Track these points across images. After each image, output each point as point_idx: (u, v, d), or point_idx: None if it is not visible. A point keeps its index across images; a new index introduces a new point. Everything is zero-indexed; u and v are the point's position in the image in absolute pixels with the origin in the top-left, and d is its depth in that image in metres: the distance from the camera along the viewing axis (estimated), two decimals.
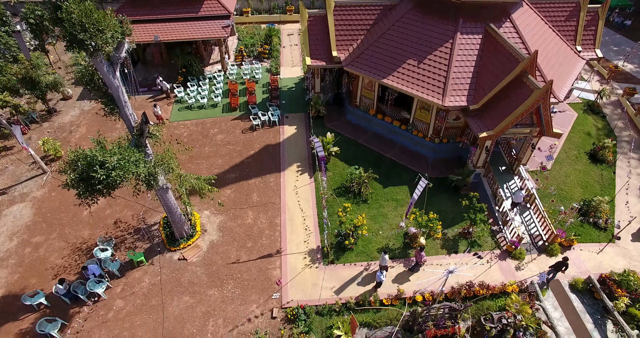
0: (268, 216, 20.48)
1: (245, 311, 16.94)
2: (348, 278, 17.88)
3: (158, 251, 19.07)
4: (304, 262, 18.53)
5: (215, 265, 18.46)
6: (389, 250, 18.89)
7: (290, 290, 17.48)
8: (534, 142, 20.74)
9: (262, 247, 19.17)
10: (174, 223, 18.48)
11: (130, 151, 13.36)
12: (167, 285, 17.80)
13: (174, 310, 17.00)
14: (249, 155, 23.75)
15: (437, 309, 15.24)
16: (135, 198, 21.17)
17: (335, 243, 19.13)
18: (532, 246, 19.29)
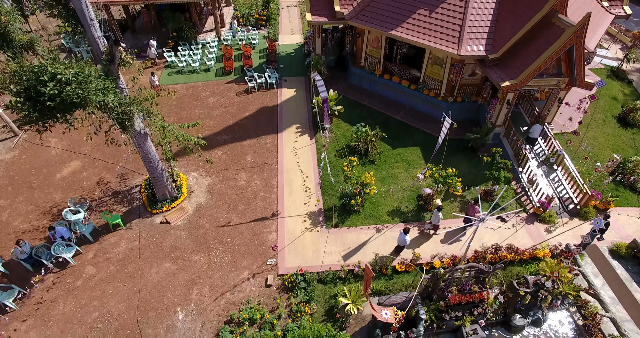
0: (263, 178, 17.88)
1: (235, 278, 14.31)
2: (355, 242, 15.26)
3: (138, 214, 16.44)
4: (304, 225, 15.91)
5: (202, 229, 15.84)
6: (402, 214, 16.31)
7: (288, 255, 14.86)
8: (560, 96, 18.21)
9: (256, 210, 16.56)
10: (155, 181, 15.88)
11: (92, 68, 10.79)
12: (146, 250, 15.17)
13: (153, 277, 14.37)
14: (243, 117, 21.17)
15: (462, 271, 12.62)
16: (115, 159, 18.65)
17: (339, 206, 16.53)
18: (561, 210, 16.70)
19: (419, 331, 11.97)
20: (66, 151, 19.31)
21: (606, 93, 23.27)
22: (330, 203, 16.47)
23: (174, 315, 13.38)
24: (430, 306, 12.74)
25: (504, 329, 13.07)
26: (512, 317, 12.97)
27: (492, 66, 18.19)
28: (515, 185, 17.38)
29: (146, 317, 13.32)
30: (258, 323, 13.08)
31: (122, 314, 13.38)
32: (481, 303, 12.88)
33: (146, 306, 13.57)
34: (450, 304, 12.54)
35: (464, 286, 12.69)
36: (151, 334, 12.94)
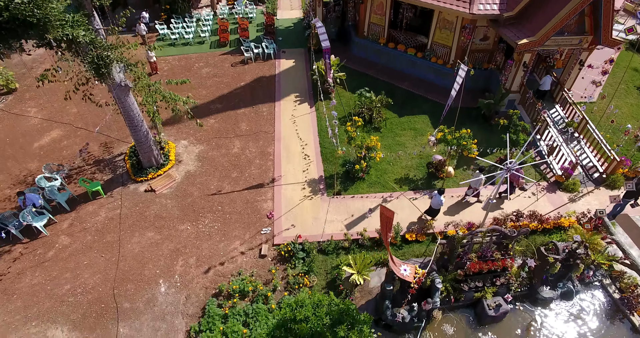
0: (259, 145, 16.24)
1: (225, 249, 12.64)
2: (359, 211, 13.59)
3: (120, 182, 14.78)
4: (303, 193, 14.25)
5: (191, 197, 14.18)
6: (411, 182, 14.66)
7: (285, 224, 13.19)
8: (582, 58, 16.60)
9: (251, 177, 14.90)
10: (139, 145, 14.23)
11: None
12: (128, 219, 13.51)
13: (134, 247, 12.70)
14: (238, 86, 19.55)
15: (483, 235, 10.95)
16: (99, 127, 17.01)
17: (342, 173, 14.88)
18: (585, 179, 15.03)
19: (434, 302, 10.28)
20: (46, 121, 17.68)
21: (625, 65, 21.62)
22: (332, 171, 14.83)
23: (155, 287, 11.71)
24: (447, 276, 11.06)
25: (530, 303, 11.40)
26: (538, 289, 11.29)
27: (507, 25, 16.58)
28: (534, 154, 15.72)
29: (124, 289, 11.65)
30: (250, 296, 11.41)
31: (97, 287, 11.71)
32: (504, 272, 11.20)
33: (125, 278, 11.90)
34: (470, 273, 10.84)
35: (485, 253, 11.01)
36: (129, 308, 11.26)
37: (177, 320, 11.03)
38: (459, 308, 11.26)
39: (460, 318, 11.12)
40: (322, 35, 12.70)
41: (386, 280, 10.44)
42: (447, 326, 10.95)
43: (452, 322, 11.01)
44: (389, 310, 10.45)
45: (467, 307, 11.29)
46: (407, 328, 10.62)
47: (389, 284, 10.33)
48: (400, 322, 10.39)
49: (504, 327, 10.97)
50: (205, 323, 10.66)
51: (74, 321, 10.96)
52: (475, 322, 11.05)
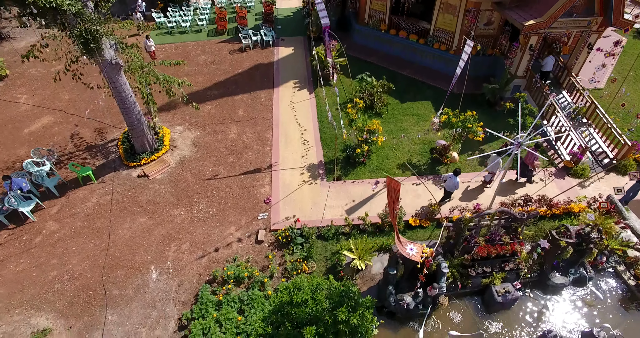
0: (256, 131, 15.63)
1: (220, 234, 12.03)
2: (361, 196, 12.99)
3: (113, 168, 14.17)
4: (302, 178, 13.64)
5: (185, 182, 13.58)
6: (414, 167, 14.06)
7: (283, 209, 12.58)
8: (591, 41, 16.01)
9: (248, 162, 14.30)
10: (132, 128, 13.62)
11: None
12: (119, 205, 12.90)
13: (125, 233, 12.09)
14: (236, 73, 18.95)
15: (491, 218, 10.33)
16: (92, 114, 16.40)
17: (342, 158, 14.28)
18: (595, 165, 14.43)
19: (440, 287, 9.66)
20: (37, 107, 17.07)
21: (634, 52, 21.03)
22: (332, 156, 14.23)
23: (146, 274, 11.09)
24: (453, 261, 10.44)
25: (540, 290, 10.77)
26: (549, 275, 10.67)
27: (512, 7, 15.99)
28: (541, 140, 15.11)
29: (113, 276, 11.03)
30: (246, 282, 10.78)
31: (85, 273, 11.09)
32: (513, 257, 10.58)
33: (114, 264, 11.28)
34: (477, 257, 10.23)
35: (493, 237, 10.40)
36: (118, 295, 10.65)
37: (168, 307, 10.41)
38: (466, 295, 10.63)
39: (468, 305, 10.50)
40: (322, 12, 12.12)
41: (389, 264, 9.82)
42: (453, 313, 10.32)
43: (459, 309, 10.38)
44: (392, 296, 9.83)
45: (475, 294, 10.66)
46: (411, 315, 10.00)
47: (392, 268, 9.71)
48: (405, 309, 9.78)
49: (514, 314, 10.35)
50: (198, 310, 10.04)
51: (60, 308, 10.34)
52: (483, 309, 10.43)
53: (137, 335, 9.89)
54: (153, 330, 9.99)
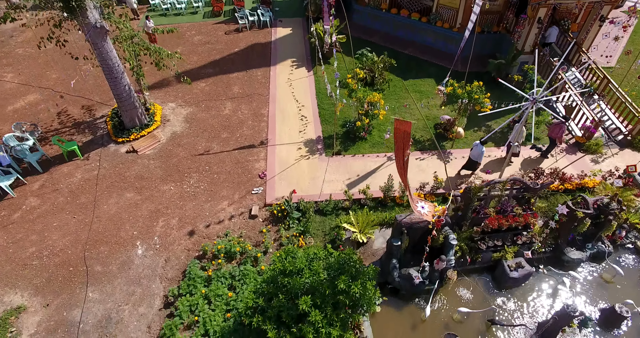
0: (252, 107, 14.81)
1: (211, 209, 11.20)
2: (362, 170, 12.16)
3: (100, 144, 13.34)
4: (299, 153, 12.81)
5: (176, 158, 12.75)
6: (418, 142, 13.24)
7: (279, 184, 11.75)
8: (603, 12, 15.18)
9: (242, 138, 13.47)
10: (120, 101, 12.78)
11: None
12: (105, 180, 12.07)
13: (110, 208, 11.26)
14: (231, 52, 18.12)
15: (502, 187, 9.49)
16: (81, 92, 15.59)
17: (342, 134, 13.46)
18: (608, 141, 13.60)
19: (449, 260, 8.82)
20: (23, 85, 16.23)
21: None
22: (331, 131, 13.41)
23: (131, 250, 10.25)
24: (461, 234, 9.60)
25: (555, 266, 9.91)
26: (564, 250, 9.82)
27: None
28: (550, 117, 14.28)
29: (96, 252, 10.20)
30: (238, 258, 9.95)
31: (66, 249, 10.26)
32: (526, 230, 9.74)
33: (98, 240, 10.45)
34: (488, 229, 9.39)
35: (505, 208, 9.56)
36: (100, 271, 9.81)
37: (154, 284, 9.57)
38: (476, 271, 9.78)
39: (477, 282, 9.65)
40: None
41: (393, 235, 8.98)
42: (462, 290, 9.48)
43: (468, 286, 9.53)
44: (396, 271, 8.99)
45: (484, 271, 9.81)
46: (417, 291, 9.16)
47: (396, 239, 8.86)
48: (410, 284, 8.94)
49: (527, 291, 9.50)
50: (185, 286, 9.20)
51: (37, 285, 9.50)
52: (494, 286, 9.58)
53: (120, 313, 9.05)
54: (137, 307, 9.15)
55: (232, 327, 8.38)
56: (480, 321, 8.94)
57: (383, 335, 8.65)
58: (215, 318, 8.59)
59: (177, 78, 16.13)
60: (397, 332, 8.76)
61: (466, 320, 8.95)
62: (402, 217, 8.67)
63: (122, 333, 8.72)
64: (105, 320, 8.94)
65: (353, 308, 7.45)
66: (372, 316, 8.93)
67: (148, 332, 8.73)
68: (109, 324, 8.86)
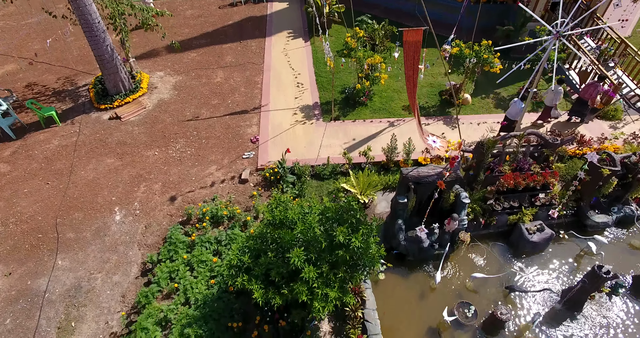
0: (245, 75, 13.76)
1: (198, 174, 10.14)
2: (362, 135, 11.10)
3: (82, 111, 12.29)
4: (294, 119, 11.76)
5: (162, 124, 11.69)
6: (422, 109, 12.20)
7: (273, 149, 10.69)
8: None
9: (234, 104, 12.42)
10: (102, 63, 11.70)
11: None
12: (85, 146, 11.01)
13: (88, 174, 10.20)
14: (225, 25, 17.08)
15: (519, 140, 8.43)
16: (64, 62, 14.55)
17: (341, 100, 12.43)
18: (626, 107, 12.58)
19: (461, 219, 7.77)
20: (1, 55, 15.21)
21: None
22: (329, 98, 12.37)
23: (108, 216, 9.18)
24: (474, 195, 8.54)
25: (577, 231, 8.83)
26: (588, 213, 8.76)
27: None
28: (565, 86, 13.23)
29: (69, 218, 9.12)
30: (225, 224, 8.88)
31: (35, 216, 9.18)
32: (545, 190, 8.68)
33: (72, 206, 9.38)
34: (503, 188, 8.32)
35: (521, 165, 8.50)
36: (72, 238, 8.73)
37: (131, 251, 8.49)
38: (490, 237, 8.70)
39: (492, 248, 8.58)
40: None
41: (399, 192, 7.90)
42: (476, 257, 8.41)
43: (482, 253, 8.46)
44: (402, 233, 7.92)
45: (500, 236, 8.73)
46: (425, 256, 8.09)
47: (402, 196, 7.79)
48: (417, 248, 7.87)
49: (548, 257, 8.42)
50: (166, 252, 8.13)
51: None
52: (510, 252, 8.51)
53: (91, 281, 7.97)
54: (111, 275, 8.07)
55: (216, 295, 7.30)
56: (496, 288, 7.86)
57: (388, 304, 7.58)
58: (197, 285, 7.52)
59: (166, 49, 15.15)
60: (403, 302, 7.68)
61: (481, 287, 7.87)
62: (408, 170, 7.60)
63: (93, 303, 7.64)
64: (75, 289, 7.86)
65: (353, 268, 6.38)
66: (376, 285, 7.85)
67: (122, 302, 7.65)
68: (78, 293, 7.78)
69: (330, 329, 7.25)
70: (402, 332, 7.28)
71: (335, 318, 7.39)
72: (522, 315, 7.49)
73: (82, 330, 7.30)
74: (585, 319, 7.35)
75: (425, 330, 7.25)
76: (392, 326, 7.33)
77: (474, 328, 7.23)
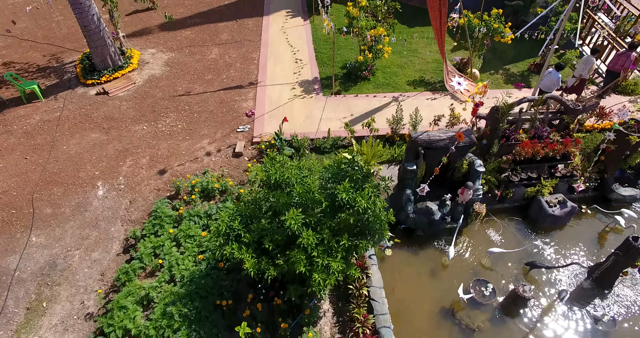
0: (241, 52, 12.99)
1: (189, 148, 9.35)
2: (364, 109, 10.33)
3: (67, 87, 11.51)
4: (293, 93, 10.98)
5: (152, 99, 10.90)
6: (427, 84, 11.43)
7: (269, 122, 9.91)
8: None
9: (229, 79, 11.65)
10: (89, 35, 10.90)
11: None
12: (68, 121, 10.22)
13: (70, 149, 9.41)
14: (221, 5, 16.25)
15: (537, 105, 7.66)
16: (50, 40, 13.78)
17: (342, 75, 11.67)
18: None
19: (476, 189, 6.99)
20: None
21: None
22: (330, 73, 11.61)
23: (90, 190, 8.39)
24: (488, 166, 7.76)
25: (601, 205, 8.05)
26: (612, 186, 7.98)
27: None
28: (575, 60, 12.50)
29: (47, 193, 8.33)
30: (217, 198, 8.09)
31: (10, 191, 8.39)
32: (566, 160, 7.89)
33: (51, 181, 8.59)
34: (520, 158, 7.54)
35: (540, 133, 7.72)
36: (50, 214, 7.93)
37: (114, 227, 7.70)
38: (506, 212, 7.92)
39: (509, 223, 7.79)
40: None
41: (407, 158, 7.12)
42: (491, 231, 7.62)
43: (498, 228, 7.68)
44: (411, 204, 7.13)
45: (517, 211, 7.96)
46: (436, 231, 7.30)
47: (411, 163, 7.01)
48: (427, 222, 7.08)
49: (570, 232, 7.65)
50: (150, 226, 7.33)
51: None
52: (529, 227, 7.72)
53: (68, 259, 7.17)
54: (90, 252, 7.28)
55: (204, 271, 6.50)
56: (515, 265, 7.07)
57: (396, 283, 6.79)
58: (184, 261, 6.72)
59: (160, 27, 14.38)
60: (413, 280, 6.89)
61: (498, 264, 7.09)
62: (418, 134, 6.82)
63: (68, 282, 6.84)
64: (49, 267, 7.06)
65: (360, 234, 5.59)
66: (382, 262, 7.06)
67: (101, 280, 6.85)
68: (52, 271, 6.98)
69: (332, 310, 6.45)
70: (412, 312, 6.49)
71: (337, 298, 6.60)
72: (546, 293, 6.70)
73: (54, 310, 6.49)
74: (617, 298, 6.56)
75: (438, 310, 6.46)
76: (401, 306, 6.54)
77: (492, 307, 6.44)
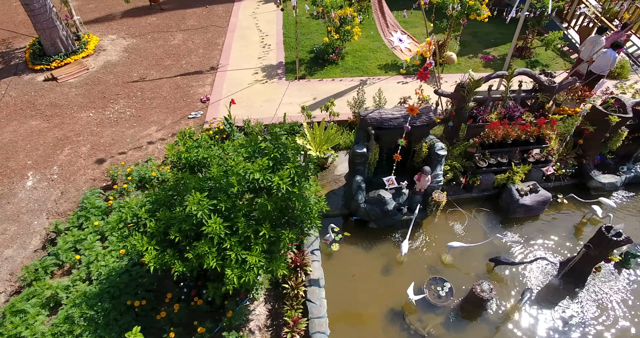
0: (206, 37, 12.19)
1: (134, 136, 8.56)
2: (328, 93, 9.54)
3: (13, 72, 10.75)
4: (254, 78, 10.17)
5: (104, 85, 10.11)
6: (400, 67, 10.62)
7: (224, 108, 9.09)
8: None
9: (189, 65, 10.85)
10: (33, 14, 10.00)
11: None
12: (7, 108, 9.41)
13: (4, 137, 8.61)
14: None
15: (508, 81, 6.84)
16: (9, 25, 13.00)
17: (309, 59, 10.87)
18: (634, 66, 10.98)
19: (435, 174, 6.18)
20: None
21: None
22: (296, 57, 10.81)
23: (18, 181, 7.61)
24: (454, 151, 6.95)
25: (578, 194, 7.22)
26: (591, 173, 7.16)
27: None
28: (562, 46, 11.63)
29: None
30: (155, 188, 7.31)
31: None
32: (540, 143, 7.06)
33: None
34: (489, 141, 6.73)
35: (511, 113, 6.90)
36: None
37: (37, 220, 6.92)
38: (473, 202, 7.11)
39: (475, 215, 6.98)
40: None
41: (357, 138, 6.30)
42: (454, 223, 6.81)
43: (463, 219, 6.86)
44: (362, 193, 6.32)
45: (484, 202, 7.15)
46: (391, 222, 6.48)
47: (360, 145, 6.19)
48: (380, 212, 6.27)
49: (543, 224, 6.82)
50: (75, 219, 6.55)
51: None
52: (497, 218, 6.91)
53: None
54: (3, 249, 6.48)
55: (125, 267, 5.72)
56: (479, 262, 6.26)
57: (340, 282, 5.98)
58: (104, 257, 5.95)
59: (124, 13, 13.60)
60: (361, 278, 6.08)
61: (460, 261, 6.27)
62: (368, 111, 6.01)
63: None
64: None
65: (286, 226, 4.80)
66: (328, 258, 6.27)
67: (9, 280, 6.07)
68: None
69: (267, 312, 5.66)
70: (356, 315, 5.68)
71: (274, 298, 5.80)
72: (511, 293, 5.89)
73: None
74: (589, 296, 5.74)
75: (385, 313, 5.64)
76: (344, 308, 5.73)
77: (449, 309, 5.64)
